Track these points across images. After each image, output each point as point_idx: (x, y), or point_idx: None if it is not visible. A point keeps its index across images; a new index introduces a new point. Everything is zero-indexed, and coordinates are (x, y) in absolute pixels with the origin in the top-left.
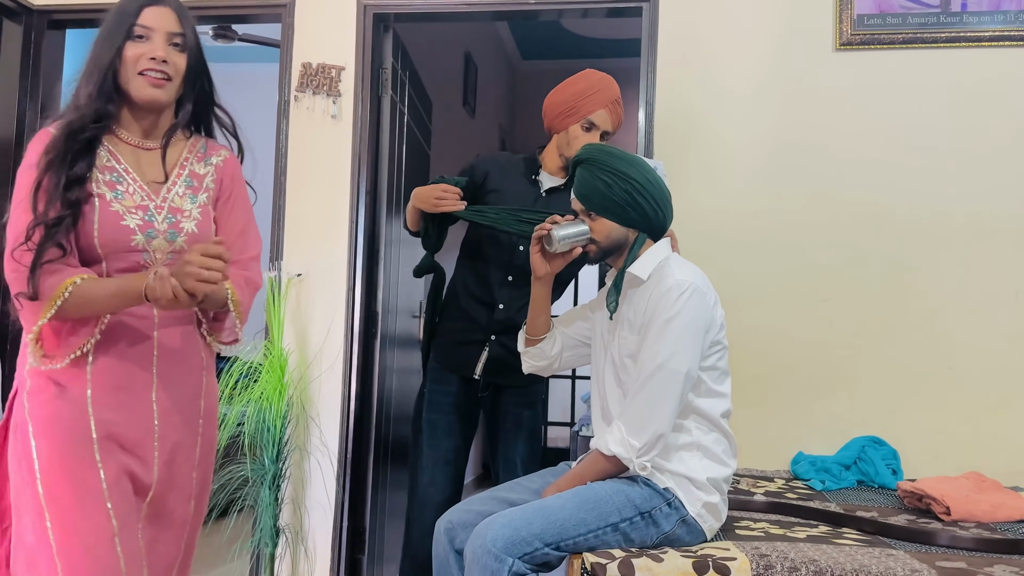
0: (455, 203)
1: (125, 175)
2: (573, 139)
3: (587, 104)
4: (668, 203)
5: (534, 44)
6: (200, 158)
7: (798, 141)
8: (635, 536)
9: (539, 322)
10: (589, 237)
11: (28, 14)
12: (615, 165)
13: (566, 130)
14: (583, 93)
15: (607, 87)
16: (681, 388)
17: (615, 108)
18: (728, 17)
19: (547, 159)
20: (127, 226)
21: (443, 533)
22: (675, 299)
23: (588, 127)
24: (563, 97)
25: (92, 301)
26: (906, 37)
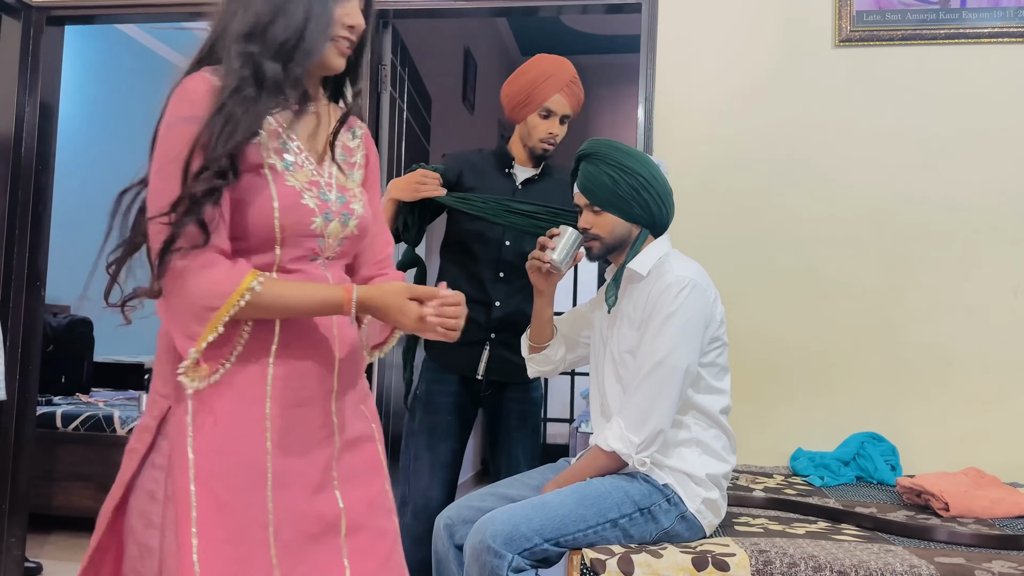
0: (436, 188)
1: (290, 142)
2: (533, 128)
3: (541, 91)
4: (671, 199)
5: (533, 40)
6: (347, 128)
7: (798, 137)
8: (634, 532)
9: (543, 332)
10: (582, 236)
11: (27, 10)
12: (621, 160)
13: (524, 120)
14: (535, 81)
15: (559, 70)
16: (680, 384)
17: (572, 90)
18: (728, 13)
19: (515, 150)
20: (306, 206)
21: (443, 529)
22: (675, 295)
23: (546, 114)
24: (516, 88)
25: (275, 309)
26: (905, 34)
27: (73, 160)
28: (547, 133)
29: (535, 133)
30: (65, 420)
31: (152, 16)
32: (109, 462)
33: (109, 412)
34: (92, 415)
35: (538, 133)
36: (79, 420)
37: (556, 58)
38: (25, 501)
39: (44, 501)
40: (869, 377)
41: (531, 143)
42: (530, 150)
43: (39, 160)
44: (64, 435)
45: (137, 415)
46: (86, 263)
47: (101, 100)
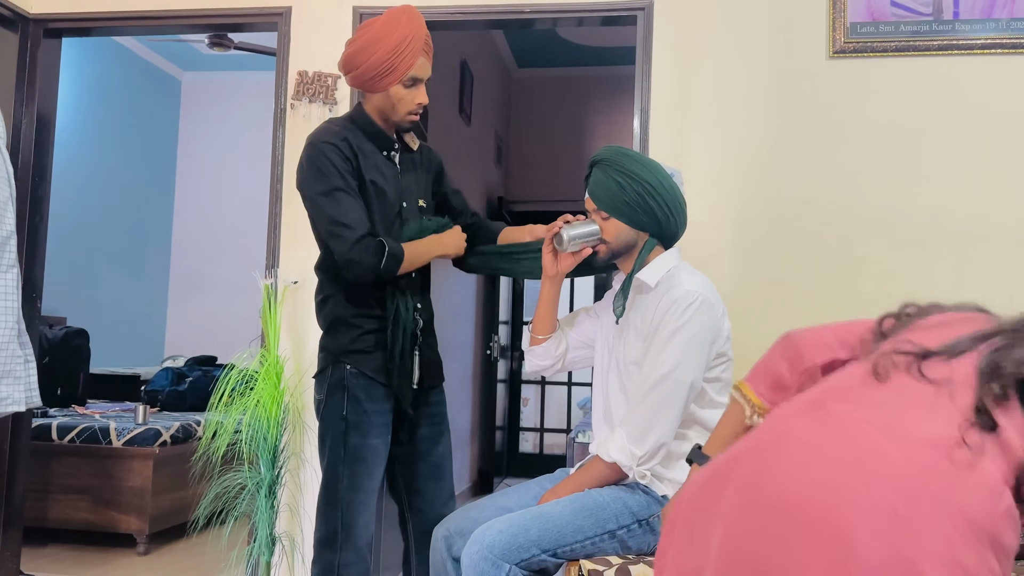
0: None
1: None
2: (399, 101)
3: (404, 59)
4: (681, 210)
5: (530, 52)
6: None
7: (792, 148)
8: (632, 544)
9: (546, 322)
10: (600, 237)
11: (24, 22)
12: (629, 167)
13: (385, 91)
14: (398, 47)
15: (419, 30)
16: (685, 398)
17: (429, 47)
18: (722, 25)
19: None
20: None
21: (441, 540)
22: (683, 309)
23: (411, 83)
24: (375, 59)
25: None
26: (899, 45)
27: (69, 171)
28: (416, 104)
29: (401, 106)
30: (61, 432)
31: (149, 28)
32: (105, 474)
33: (105, 424)
34: (88, 427)
35: (405, 106)
36: (75, 432)
37: (410, 12)
38: (20, 513)
39: (39, 514)
40: None
41: (396, 117)
42: (395, 124)
43: (36, 171)
44: (60, 447)
45: (133, 426)
46: (82, 274)
47: (98, 112)
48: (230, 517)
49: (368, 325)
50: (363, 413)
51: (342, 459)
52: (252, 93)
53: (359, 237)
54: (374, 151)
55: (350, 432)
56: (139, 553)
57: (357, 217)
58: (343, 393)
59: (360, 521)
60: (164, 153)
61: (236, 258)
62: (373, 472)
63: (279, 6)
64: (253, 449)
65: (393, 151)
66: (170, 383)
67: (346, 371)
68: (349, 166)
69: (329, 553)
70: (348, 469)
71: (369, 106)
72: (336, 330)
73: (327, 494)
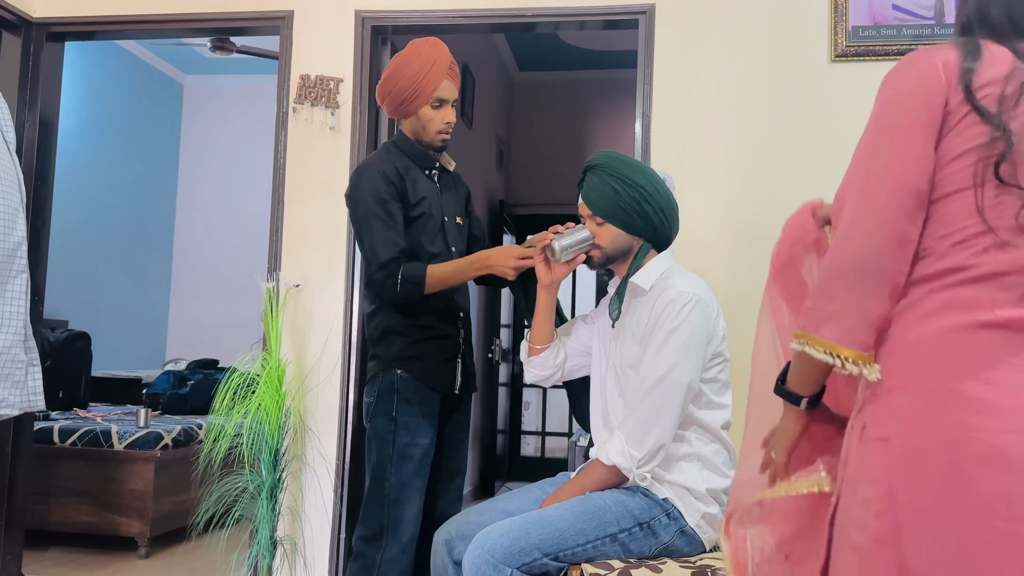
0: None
1: None
2: (428, 121)
3: (429, 82)
4: (675, 214)
5: (531, 56)
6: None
7: (794, 152)
8: (634, 547)
9: (544, 331)
10: (592, 243)
11: (27, 26)
12: (624, 172)
13: (416, 115)
14: (420, 72)
15: (441, 55)
16: (682, 399)
17: (454, 71)
18: (724, 29)
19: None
20: None
21: (442, 544)
22: (678, 311)
23: (438, 104)
24: (402, 84)
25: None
26: (901, 48)
27: (72, 175)
28: (444, 123)
29: (431, 127)
30: (62, 435)
31: (152, 32)
32: (106, 477)
33: (107, 427)
34: (90, 430)
35: (435, 126)
36: (76, 435)
37: (434, 42)
38: (22, 516)
39: (41, 517)
40: None
41: (428, 137)
42: (427, 145)
43: (38, 175)
44: (61, 450)
45: (135, 429)
46: (84, 277)
47: (100, 115)
48: (231, 520)
49: (416, 334)
50: (412, 414)
51: (390, 457)
52: (254, 97)
53: (381, 263)
54: (417, 171)
55: (399, 431)
56: (140, 556)
57: (383, 241)
58: (393, 396)
59: (406, 517)
60: (166, 156)
61: (238, 261)
62: (420, 471)
63: (281, 10)
64: (254, 452)
65: (434, 170)
66: (172, 386)
67: (396, 376)
68: (393, 189)
69: (372, 550)
70: (395, 467)
71: (406, 129)
72: (387, 339)
73: (374, 492)
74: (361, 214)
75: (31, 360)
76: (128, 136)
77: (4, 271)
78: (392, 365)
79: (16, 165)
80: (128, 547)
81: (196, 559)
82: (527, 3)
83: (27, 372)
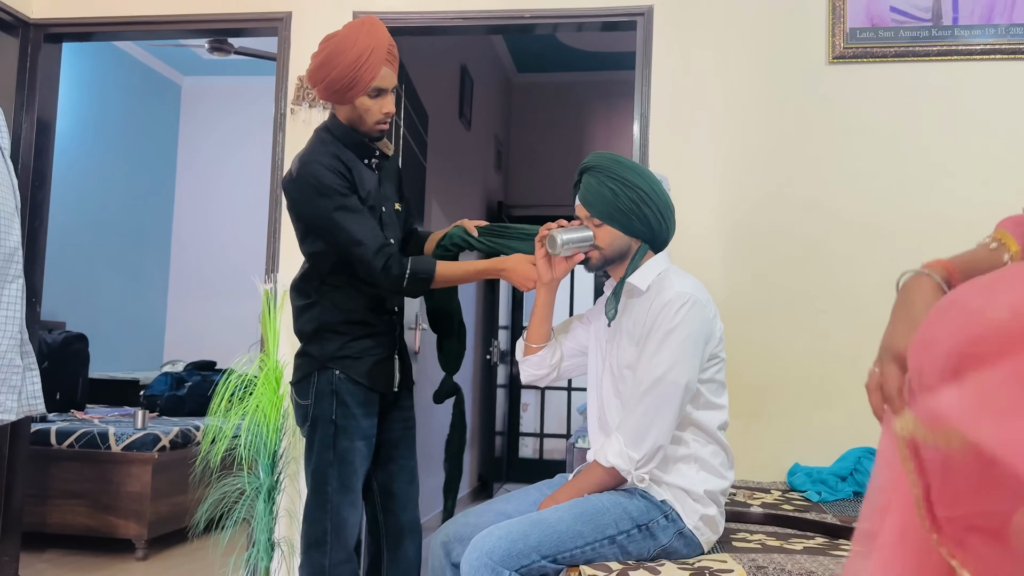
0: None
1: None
2: (365, 112)
3: (367, 71)
4: (672, 215)
5: (529, 57)
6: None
7: (792, 153)
8: (632, 549)
9: (541, 330)
10: (592, 243)
11: (25, 27)
12: (622, 174)
13: (352, 104)
14: (359, 61)
15: (379, 41)
16: (680, 400)
17: (393, 56)
18: (722, 30)
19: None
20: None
21: (440, 547)
22: (675, 311)
23: (376, 94)
24: (337, 72)
25: None
26: (898, 50)
27: (69, 176)
28: (383, 113)
29: (369, 117)
30: (60, 437)
31: (149, 33)
32: (104, 479)
33: (104, 429)
34: (87, 432)
35: (372, 116)
36: (74, 437)
37: (370, 24)
38: (19, 519)
39: (38, 519)
40: (865, 392)
41: (365, 127)
42: (364, 134)
43: (35, 176)
44: (59, 452)
45: (132, 431)
46: (82, 279)
47: (98, 116)
48: (229, 523)
49: (355, 332)
50: (351, 417)
51: (331, 462)
52: (252, 98)
53: (376, 250)
54: (359, 163)
55: (339, 436)
56: (138, 558)
57: (364, 230)
58: (332, 398)
59: (349, 522)
60: (164, 158)
61: (236, 263)
62: (360, 473)
63: (279, 11)
64: (252, 454)
65: (374, 158)
66: (169, 388)
67: (335, 376)
68: (345, 183)
69: (318, 555)
70: (336, 471)
71: (342, 116)
72: (322, 336)
73: (315, 497)
74: (324, 210)
75: (28, 365)
76: (126, 137)
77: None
78: (329, 365)
79: (11, 171)
80: (125, 549)
81: (194, 561)
82: (525, 4)
83: (24, 377)
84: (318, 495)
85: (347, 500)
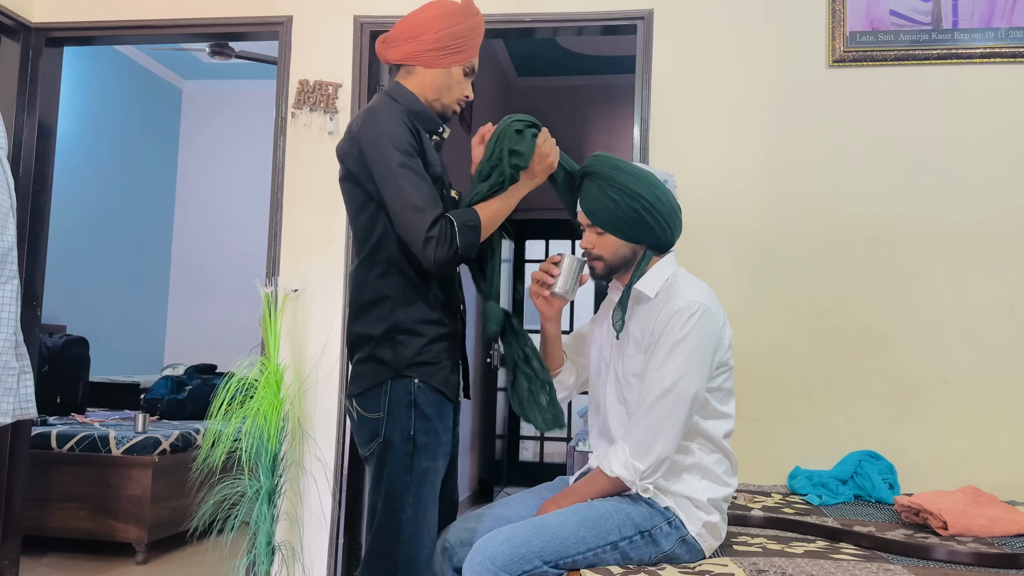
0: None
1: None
2: (455, 83)
3: (476, 43)
4: (677, 218)
5: (530, 61)
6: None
7: (792, 156)
8: (634, 555)
9: (555, 358)
10: (583, 260)
11: (26, 31)
12: (624, 182)
13: (447, 69)
14: (475, 29)
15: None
16: (688, 411)
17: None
18: (722, 34)
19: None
20: None
21: (440, 552)
22: (685, 321)
23: (470, 71)
24: (456, 29)
25: None
26: (898, 54)
27: (70, 180)
28: (464, 95)
29: (456, 90)
30: (60, 440)
31: (150, 37)
32: (104, 483)
33: (104, 432)
34: (87, 435)
35: (461, 90)
36: (74, 440)
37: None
38: (19, 522)
39: (38, 522)
40: (866, 395)
41: (447, 100)
42: (442, 107)
43: (36, 180)
44: (59, 456)
45: (132, 435)
46: (82, 283)
47: (98, 120)
48: (230, 526)
49: (433, 332)
50: (433, 432)
51: (408, 486)
52: (253, 102)
53: (434, 220)
54: (425, 136)
55: (419, 454)
56: (138, 562)
57: (428, 197)
58: (411, 410)
59: (423, 555)
60: (164, 161)
61: (236, 266)
62: (437, 498)
63: (280, 15)
64: (253, 457)
65: (436, 136)
66: (170, 391)
67: (413, 385)
68: (416, 143)
69: None
70: (413, 496)
71: (414, 84)
72: (396, 339)
73: (388, 525)
74: (391, 161)
75: (23, 367)
76: (127, 141)
77: None
78: (405, 372)
79: (6, 171)
80: (126, 553)
81: (194, 564)
82: (526, 8)
83: (19, 379)
84: (388, 524)
85: (422, 530)
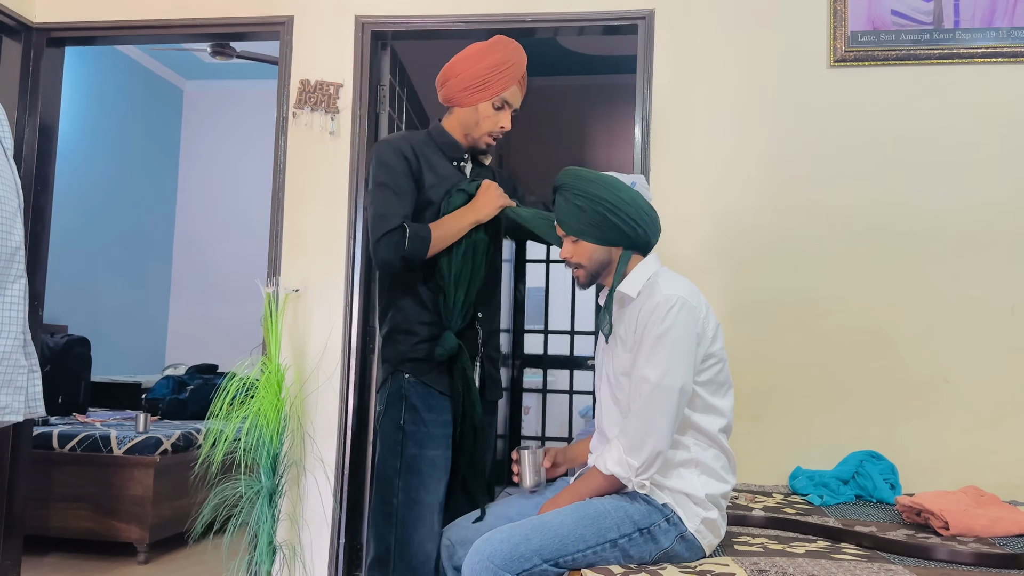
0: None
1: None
2: (484, 118)
3: (501, 79)
4: (646, 218)
5: (530, 61)
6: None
7: (794, 156)
8: (634, 552)
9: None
10: (540, 451)
11: (28, 31)
12: (586, 188)
13: (474, 107)
14: (498, 66)
15: (520, 60)
16: (676, 404)
17: (524, 83)
18: (723, 34)
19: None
20: None
21: (441, 550)
22: (664, 315)
23: (500, 105)
24: (476, 69)
25: None
26: (899, 54)
27: (71, 180)
28: (498, 127)
29: (485, 124)
30: (62, 440)
31: (152, 37)
32: (106, 483)
33: (106, 432)
34: (89, 435)
35: (488, 125)
36: (76, 440)
37: (518, 45)
38: (21, 522)
39: (40, 522)
40: (867, 395)
41: (477, 133)
42: (472, 141)
43: (38, 180)
44: (61, 456)
45: (134, 435)
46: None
47: (100, 120)
48: (231, 526)
49: (424, 332)
50: (420, 423)
51: (397, 471)
52: (254, 102)
53: (391, 228)
54: (441, 158)
55: (407, 442)
56: (139, 562)
57: (393, 210)
58: (401, 403)
59: (416, 538)
60: (166, 161)
61: (237, 266)
62: (430, 486)
63: (282, 15)
64: (254, 457)
65: (463, 161)
66: (171, 391)
67: (404, 380)
68: (406, 166)
69: (380, 574)
70: (403, 482)
71: (451, 122)
72: (394, 338)
73: (381, 508)
74: (371, 181)
75: (31, 366)
76: (128, 141)
77: (2, 276)
78: (400, 368)
79: (13, 170)
80: (127, 553)
81: (195, 565)
82: (527, 8)
83: (28, 377)
84: (382, 507)
85: (413, 514)
